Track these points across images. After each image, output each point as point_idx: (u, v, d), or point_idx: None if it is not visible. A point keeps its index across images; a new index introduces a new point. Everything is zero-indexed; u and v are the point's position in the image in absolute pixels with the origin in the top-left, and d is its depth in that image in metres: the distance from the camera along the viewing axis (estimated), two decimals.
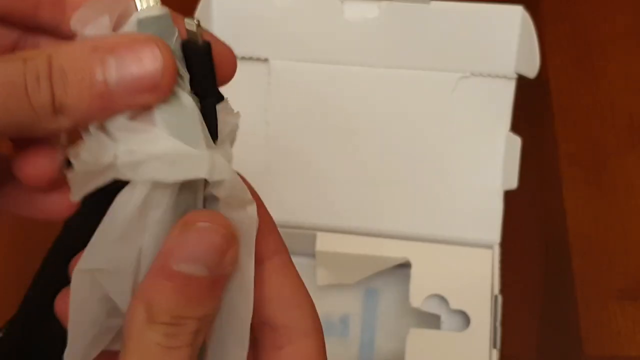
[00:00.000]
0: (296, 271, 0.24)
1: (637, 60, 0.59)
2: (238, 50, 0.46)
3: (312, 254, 0.47)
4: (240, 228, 0.21)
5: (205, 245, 0.20)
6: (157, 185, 0.20)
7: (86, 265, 0.21)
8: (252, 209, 0.22)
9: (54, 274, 0.23)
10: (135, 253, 0.21)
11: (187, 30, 0.21)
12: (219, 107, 0.22)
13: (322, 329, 0.24)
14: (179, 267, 0.20)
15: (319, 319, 0.24)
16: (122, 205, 0.21)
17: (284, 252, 0.24)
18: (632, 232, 0.53)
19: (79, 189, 0.21)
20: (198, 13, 0.45)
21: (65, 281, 0.23)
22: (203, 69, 0.21)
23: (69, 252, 0.24)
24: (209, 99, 0.22)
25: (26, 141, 0.22)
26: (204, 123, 0.21)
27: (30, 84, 0.19)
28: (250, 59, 0.46)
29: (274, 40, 0.46)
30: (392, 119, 0.47)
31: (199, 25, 0.21)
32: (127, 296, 0.21)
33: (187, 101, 0.21)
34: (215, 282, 0.21)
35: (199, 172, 0.20)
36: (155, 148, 0.20)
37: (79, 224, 0.24)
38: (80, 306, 0.22)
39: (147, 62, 0.20)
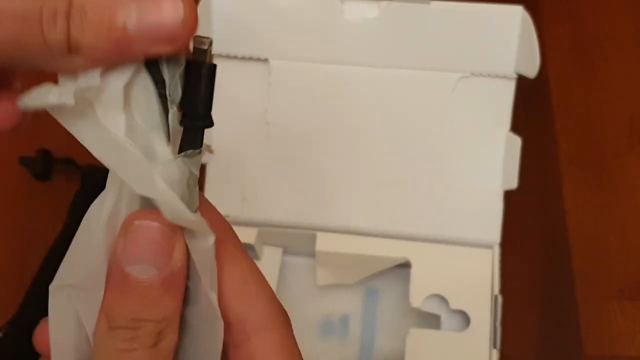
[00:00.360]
0: (248, 256, 0.23)
1: (637, 60, 0.59)
2: (238, 50, 0.46)
3: (312, 254, 0.47)
4: (199, 257, 0.21)
5: (146, 243, 0.20)
6: (124, 195, 0.20)
7: (60, 281, 0.21)
8: (211, 239, 0.21)
9: (54, 275, 0.23)
10: (105, 267, 0.21)
11: (196, 48, 0.21)
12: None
13: (285, 319, 0.23)
14: (127, 269, 0.20)
15: (280, 308, 0.23)
16: (94, 217, 0.20)
17: (231, 237, 0.23)
18: (632, 232, 0.53)
19: (30, 100, 0.20)
20: (198, 13, 0.45)
21: None
22: (203, 92, 0.21)
23: None
24: (198, 122, 0.21)
25: None
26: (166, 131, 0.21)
27: (46, 19, 0.19)
28: (250, 59, 0.46)
29: (274, 40, 0.46)
30: (392, 119, 0.47)
31: (210, 44, 0.21)
32: (95, 316, 0.21)
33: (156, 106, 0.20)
34: (168, 280, 0.20)
35: (151, 193, 0.20)
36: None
37: (79, 224, 0.24)
38: (59, 329, 0.21)
39: (168, 12, 0.19)
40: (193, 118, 0.21)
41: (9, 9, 0.19)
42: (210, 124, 0.21)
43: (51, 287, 0.21)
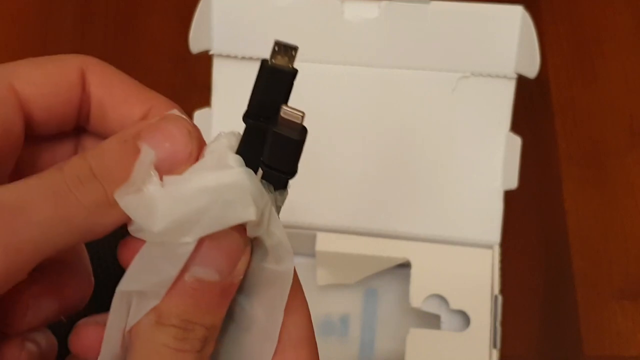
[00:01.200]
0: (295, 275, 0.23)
1: (637, 60, 0.59)
2: (238, 51, 0.46)
3: (312, 254, 0.47)
4: (276, 279, 0.21)
5: (219, 250, 0.20)
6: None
7: (123, 287, 0.21)
8: (291, 263, 0.21)
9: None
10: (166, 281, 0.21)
11: (284, 118, 0.21)
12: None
13: (315, 341, 0.23)
14: (191, 270, 0.20)
15: (313, 329, 0.23)
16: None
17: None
18: (632, 232, 0.53)
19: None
20: (198, 13, 0.45)
21: None
22: (290, 158, 0.22)
23: None
24: (286, 175, 0.22)
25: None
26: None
27: (74, 188, 0.20)
28: (251, 59, 0.46)
29: (274, 40, 0.46)
30: (391, 119, 0.47)
31: (303, 116, 0.22)
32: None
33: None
34: (225, 290, 0.21)
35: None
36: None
37: None
38: (112, 332, 0.21)
39: (178, 135, 0.21)
40: (282, 172, 0.22)
41: (36, 193, 0.19)
42: (293, 174, 0.22)
43: (116, 290, 0.21)
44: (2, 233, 0.19)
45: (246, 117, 0.21)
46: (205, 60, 0.46)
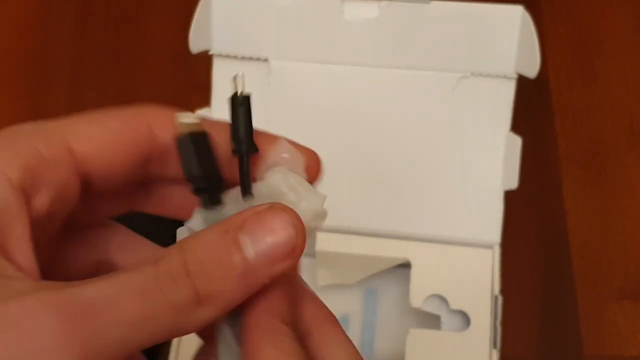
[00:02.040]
0: (347, 337, 0.23)
1: (637, 60, 0.59)
2: (238, 51, 0.46)
3: (312, 254, 0.47)
4: None
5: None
6: None
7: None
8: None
9: None
10: None
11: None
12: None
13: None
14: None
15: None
16: None
17: (331, 317, 0.23)
18: (632, 232, 0.53)
19: None
20: (198, 13, 0.45)
21: None
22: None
23: None
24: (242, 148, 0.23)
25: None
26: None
27: (166, 286, 0.19)
28: (250, 59, 0.46)
29: (274, 40, 0.46)
30: (391, 119, 0.47)
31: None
32: None
33: None
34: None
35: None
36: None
37: None
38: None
39: (280, 230, 0.20)
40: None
41: (123, 290, 0.19)
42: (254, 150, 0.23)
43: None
44: (82, 332, 0.18)
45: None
46: (205, 60, 0.46)
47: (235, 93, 0.23)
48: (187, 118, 0.22)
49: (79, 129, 0.22)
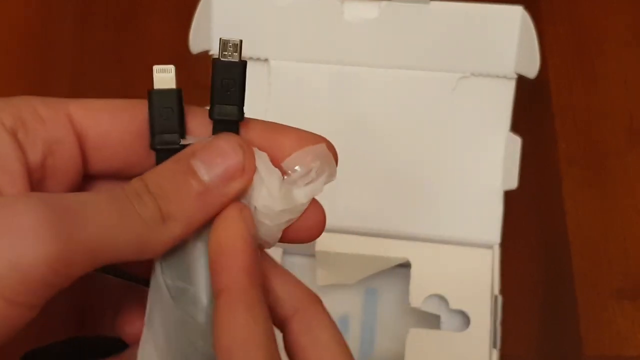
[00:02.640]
0: (331, 318, 0.24)
1: (637, 60, 0.59)
2: None
3: (312, 254, 0.47)
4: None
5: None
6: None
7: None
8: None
9: None
10: None
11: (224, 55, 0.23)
12: None
13: None
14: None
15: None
16: None
17: (314, 298, 0.24)
18: (632, 232, 0.53)
19: None
20: (198, 13, 0.45)
21: None
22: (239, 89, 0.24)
23: None
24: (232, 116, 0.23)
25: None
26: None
27: (134, 200, 0.21)
28: (250, 59, 0.46)
29: (274, 40, 0.46)
30: (391, 119, 0.47)
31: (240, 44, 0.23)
32: None
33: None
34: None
35: None
36: None
37: None
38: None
39: (229, 151, 0.22)
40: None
41: (100, 200, 0.20)
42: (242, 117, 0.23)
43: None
44: (62, 223, 0.19)
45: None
46: (205, 60, 0.46)
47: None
48: (164, 73, 0.23)
49: (81, 100, 0.24)
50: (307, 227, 0.24)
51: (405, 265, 0.46)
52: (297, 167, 0.24)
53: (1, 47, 0.62)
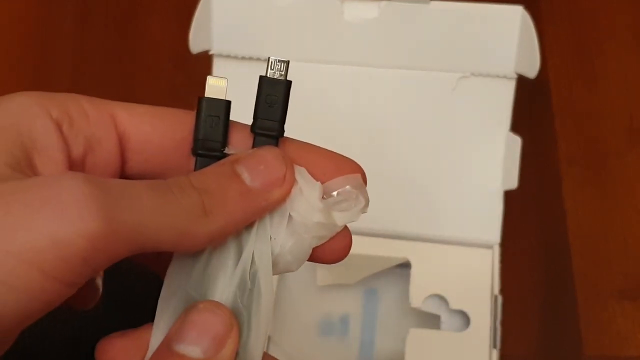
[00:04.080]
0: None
1: (637, 60, 0.59)
2: (238, 51, 0.46)
3: None
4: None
5: (203, 327, 0.21)
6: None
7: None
8: None
9: None
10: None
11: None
12: None
13: None
14: (177, 347, 0.21)
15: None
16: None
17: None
18: (632, 232, 0.53)
19: None
20: (198, 13, 0.45)
21: None
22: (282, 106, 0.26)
23: None
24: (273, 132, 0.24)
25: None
26: None
27: (176, 191, 0.21)
28: (250, 59, 0.46)
29: (274, 40, 0.46)
30: (391, 119, 0.47)
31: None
32: None
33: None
34: None
35: None
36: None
37: None
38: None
39: (271, 159, 0.23)
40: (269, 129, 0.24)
41: (143, 186, 0.20)
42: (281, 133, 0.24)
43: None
44: (110, 206, 0.19)
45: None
46: (205, 60, 0.46)
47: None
48: (217, 81, 0.24)
49: (126, 103, 0.24)
50: (336, 248, 0.26)
51: (406, 265, 0.46)
52: (334, 193, 0.25)
53: (1, 46, 0.62)
